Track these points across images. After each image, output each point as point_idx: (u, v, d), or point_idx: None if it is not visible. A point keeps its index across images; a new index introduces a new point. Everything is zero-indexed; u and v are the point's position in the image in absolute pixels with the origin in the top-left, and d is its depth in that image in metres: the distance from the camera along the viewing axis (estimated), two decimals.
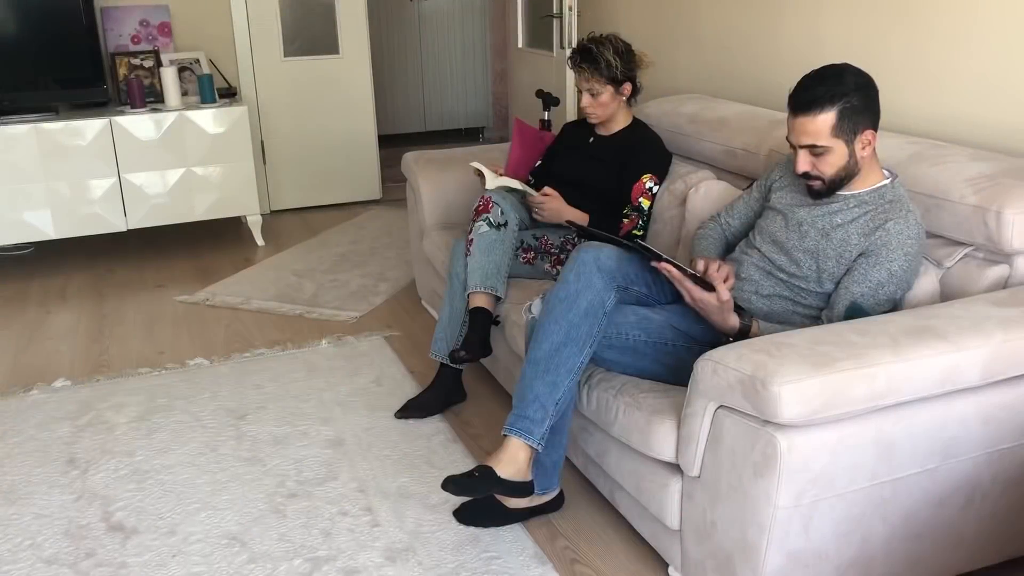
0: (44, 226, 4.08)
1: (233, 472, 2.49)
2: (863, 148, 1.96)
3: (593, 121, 2.85)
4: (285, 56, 5.00)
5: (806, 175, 2.01)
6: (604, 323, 2.02)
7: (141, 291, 3.98)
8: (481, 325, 2.60)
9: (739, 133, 2.72)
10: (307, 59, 5.06)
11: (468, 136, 7.17)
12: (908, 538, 1.81)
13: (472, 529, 2.21)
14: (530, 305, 2.23)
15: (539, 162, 3.12)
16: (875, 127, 1.97)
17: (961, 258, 2.03)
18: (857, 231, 1.98)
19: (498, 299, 2.66)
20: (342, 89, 5.15)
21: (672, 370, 2.06)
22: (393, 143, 6.41)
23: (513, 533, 2.19)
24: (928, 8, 2.49)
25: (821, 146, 1.94)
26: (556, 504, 2.26)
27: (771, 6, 3.11)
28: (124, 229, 4.24)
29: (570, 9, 4.27)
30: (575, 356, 1.99)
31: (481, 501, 2.22)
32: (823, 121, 1.93)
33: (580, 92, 2.83)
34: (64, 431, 2.73)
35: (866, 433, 1.67)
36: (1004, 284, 1.97)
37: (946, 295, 2.01)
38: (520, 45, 5.16)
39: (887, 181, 2.01)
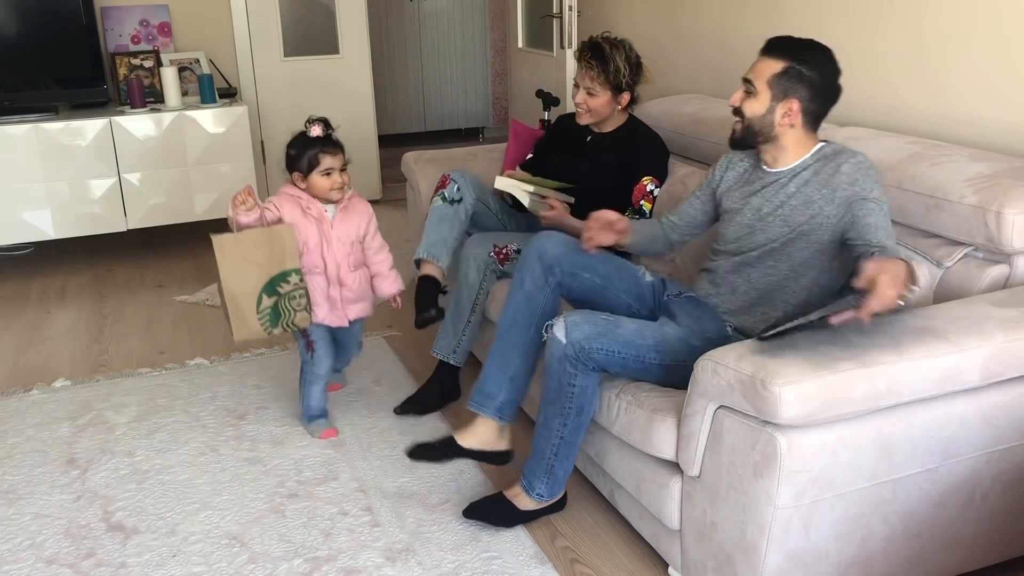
0: (44, 226, 4.08)
1: (233, 472, 2.49)
2: (784, 116, 2.02)
3: (583, 122, 2.81)
4: (285, 56, 5.00)
5: (734, 110, 2.09)
6: (549, 303, 2.20)
7: (141, 291, 3.98)
8: (425, 290, 2.69)
9: None
10: (307, 59, 5.05)
11: (468, 136, 7.17)
12: (908, 538, 1.81)
13: (472, 529, 2.21)
14: (550, 325, 2.12)
15: (530, 155, 3.08)
16: (807, 111, 2.01)
17: (961, 258, 2.03)
18: (814, 187, 2.02)
19: (443, 271, 2.75)
20: (342, 89, 5.15)
21: (684, 380, 2.06)
22: (393, 143, 6.41)
23: (513, 533, 2.19)
24: (928, 8, 2.49)
25: (754, 86, 2.04)
26: (560, 504, 2.26)
27: (771, 6, 3.11)
28: (124, 229, 4.24)
29: (570, 9, 4.27)
30: (521, 335, 2.21)
31: (491, 500, 2.22)
32: (768, 66, 2.02)
33: (576, 86, 2.78)
34: (64, 431, 2.73)
35: (866, 433, 1.67)
36: (1004, 284, 1.97)
37: (946, 295, 2.01)
38: (520, 45, 5.16)
39: (822, 143, 2.08)
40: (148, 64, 4.49)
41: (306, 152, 2.45)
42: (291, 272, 2.43)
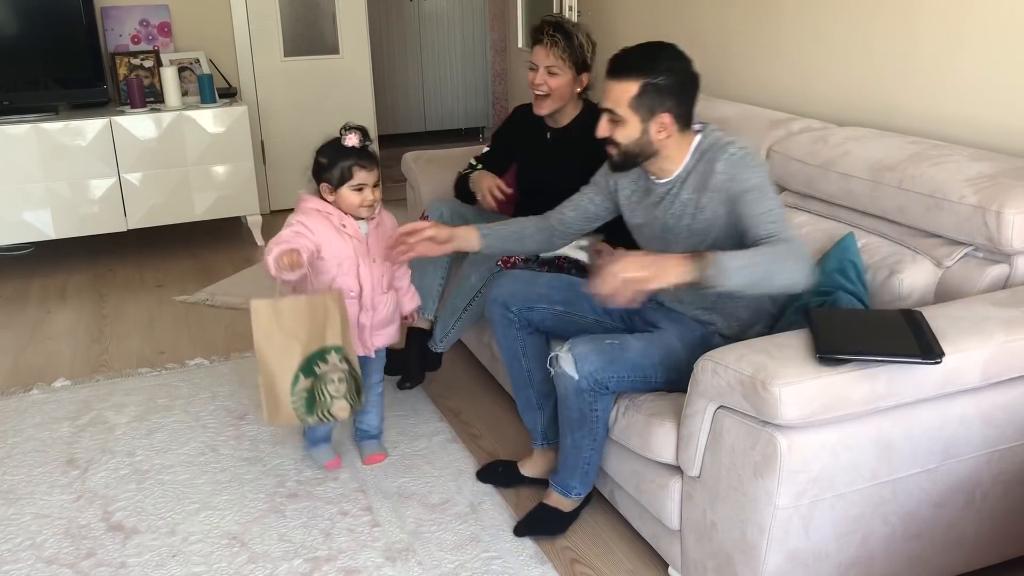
0: (44, 226, 4.07)
1: (233, 472, 2.49)
2: (659, 131, 1.96)
3: (544, 110, 2.64)
4: (285, 56, 5.00)
5: (605, 140, 2.02)
6: (524, 335, 2.26)
7: (141, 291, 3.97)
8: (411, 346, 2.81)
9: (739, 133, 2.72)
10: (307, 59, 5.05)
11: (468, 136, 7.17)
12: (908, 538, 1.81)
13: (472, 529, 2.21)
14: (555, 358, 2.06)
15: (486, 148, 2.95)
16: (678, 116, 1.95)
17: (961, 258, 2.03)
18: (701, 191, 1.97)
19: (432, 320, 2.80)
20: (342, 89, 5.15)
21: (684, 386, 2.06)
22: (393, 143, 6.41)
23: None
24: (928, 8, 2.49)
25: (618, 114, 1.96)
26: (591, 496, 2.28)
27: (771, 6, 3.11)
28: (124, 229, 4.24)
29: (570, 9, 4.27)
30: (520, 371, 2.29)
31: (537, 512, 2.21)
32: (622, 89, 1.94)
33: (533, 70, 2.63)
34: (64, 431, 2.73)
35: (866, 433, 1.67)
36: (1004, 284, 1.97)
37: (946, 295, 2.01)
38: (520, 45, 5.16)
39: (697, 136, 2.02)
40: (148, 64, 4.49)
41: (339, 163, 2.20)
42: (331, 349, 2.13)
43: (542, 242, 2.32)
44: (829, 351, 1.62)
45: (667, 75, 1.92)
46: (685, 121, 1.98)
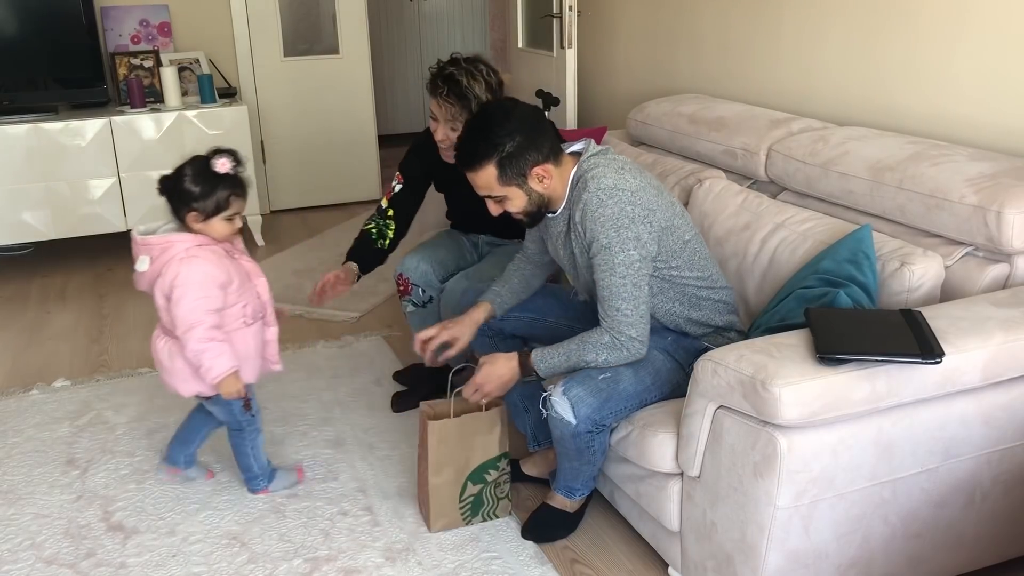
0: (44, 226, 4.07)
1: (233, 472, 2.49)
2: (540, 182, 1.94)
3: (450, 159, 2.48)
4: (285, 56, 5.00)
5: (505, 215, 2.02)
6: (495, 339, 2.29)
7: (141, 291, 3.97)
8: (430, 384, 2.80)
9: (739, 133, 2.72)
10: (307, 59, 5.05)
11: None
12: (908, 538, 1.81)
13: (472, 529, 2.21)
14: (547, 398, 2.01)
15: (398, 185, 2.75)
16: (546, 157, 1.93)
17: (961, 258, 2.03)
18: (580, 227, 1.95)
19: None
20: (342, 89, 5.15)
21: (682, 392, 2.06)
22: (393, 143, 6.41)
23: (513, 533, 2.20)
24: (928, 8, 2.49)
25: (497, 195, 1.95)
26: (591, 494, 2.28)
27: (771, 6, 3.11)
28: (124, 229, 4.23)
29: (570, 9, 4.27)
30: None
31: (544, 516, 2.21)
32: (486, 176, 1.92)
33: (435, 119, 2.53)
34: (64, 431, 2.73)
35: (866, 433, 1.67)
36: (1004, 284, 1.97)
37: (946, 295, 2.01)
38: (520, 45, 5.16)
39: (575, 164, 1.98)
40: (148, 64, 4.49)
41: (216, 192, 2.05)
42: (500, 458, 2.19)
43: (541, 275, 2.30)
44: (829, 351, 1.62)
45: (510, 140, 1.89)
46: (554, 155, 1.95)
